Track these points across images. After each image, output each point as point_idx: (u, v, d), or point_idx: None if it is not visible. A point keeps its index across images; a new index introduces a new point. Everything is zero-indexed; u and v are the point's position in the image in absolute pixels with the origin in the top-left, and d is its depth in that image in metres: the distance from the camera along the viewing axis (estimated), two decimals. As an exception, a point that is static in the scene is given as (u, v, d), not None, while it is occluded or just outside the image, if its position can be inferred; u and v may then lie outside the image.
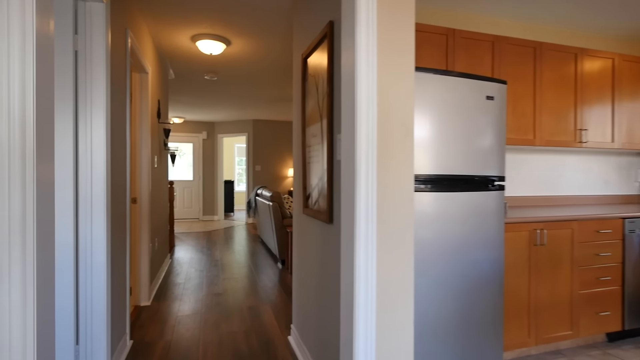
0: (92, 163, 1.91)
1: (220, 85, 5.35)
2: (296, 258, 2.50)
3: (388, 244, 1.25)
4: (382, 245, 1.24)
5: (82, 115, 1.90)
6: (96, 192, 1.91)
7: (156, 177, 3.76)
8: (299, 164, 2.42)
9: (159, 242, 3.93)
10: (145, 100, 3.25)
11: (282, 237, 4.61)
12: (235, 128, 8.89)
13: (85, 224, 1.91)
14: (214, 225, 8.18)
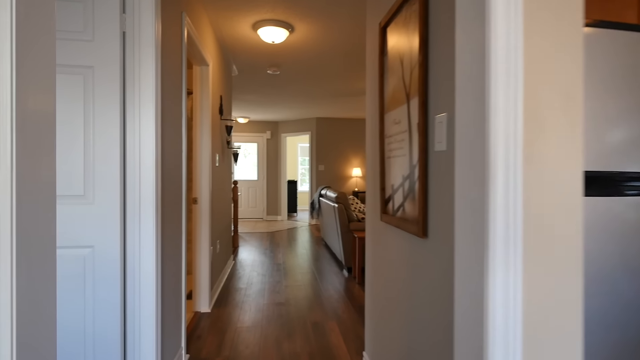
0: (141, 160, 1.68)
1: (283, 80, 5.12)
2: (370, 273, 2.07)
3: (541, 279, 0.77)
4: (532, 277, 0.77)
5: (130, 105, 1.67)
6: (145, 194, 1.68)
7: (218, 176, 3.59)
8: (374, 159, 1.99)
9: (221, 245, 3.77)
10: (206, 95, 3.07)
11: (348, 242, 4.21)
12: (298, 127, 8.71)
13: (133, 230, 1.68)
14: (277, 225, 8.07)
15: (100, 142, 1.59)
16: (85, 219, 1.58)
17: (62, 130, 1.56)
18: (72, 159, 1.57)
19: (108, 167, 1.60)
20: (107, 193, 1.60)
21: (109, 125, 1.60)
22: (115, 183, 1.61)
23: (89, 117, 1.58)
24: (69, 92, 1.56)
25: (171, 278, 2.02)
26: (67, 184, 1.57)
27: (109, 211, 1.60)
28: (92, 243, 1.59)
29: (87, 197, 1.59)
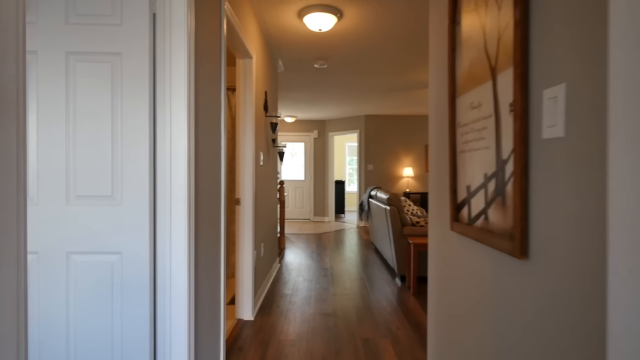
0: (172, 157, 1.50)
1: (331, 74, 4.86)
2: (435, 291, 1.73)
3: None
4: None
5: (160, 96, 1.50)
6: (176, 194, 1.50)
7: (262, 176, 3.42)
8: (440, 155, 1.65)
9: (266, 248, 3.59)
10: (250, 89, 2.89)
11: (402, 248, 3.84)
12: (346, 125, 8.43)
13: (163, 234, 1.51)
14: (324, 227, 7.84)
15: (129, 137, 1.43)
16: (113, 222, 1.43)
17: (89, 124, 1.42)
18: (100, 156, 1.42)
19: (136, 164, 1.43)
20: (136, 193, 1.43)
21: (137, 119, 1.43)
22: (144, 182, 1.44)
23: (117, 110, 1.43)
24: (96, 82, 1.42)
25: (207, 285, 1.84)
26: (95, 183, 1.42)
27: (138, 213, 1.43)
28: (120, 249, 1.43)
29: (115, 198, 1.43)
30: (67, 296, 1.43)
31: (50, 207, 1.41)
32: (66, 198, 1.42)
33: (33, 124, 1.41)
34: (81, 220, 1.42)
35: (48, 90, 1.40)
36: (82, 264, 1.43)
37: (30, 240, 1.42)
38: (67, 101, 1.41)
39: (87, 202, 1.43)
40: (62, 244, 1.42)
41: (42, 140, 1.41)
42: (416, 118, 8.11)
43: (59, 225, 1.42)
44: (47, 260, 1.42)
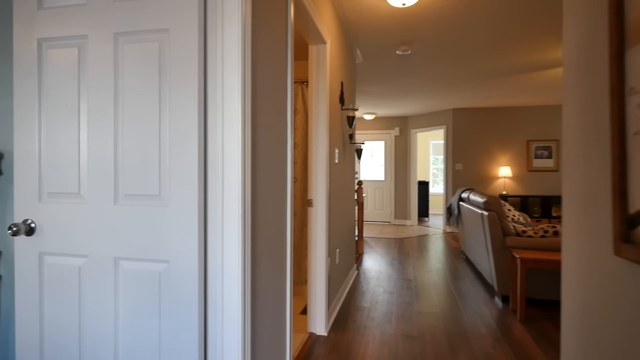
0: (224, 150, 1.25)
1: (415, 62, 4.35)
2: (581, 345, 1.21)
3: None
4: None
5: (212, 79, 1.26)
6: (229, 194, 1.25)
7: (338, 174, 3.11)
8: (590, 141, 1.14)
9: (342, 253, 3.28)
10: (323, 79, 2.60)
11: (503, 261, 3.19)
12: (430, 121, 7.72)
13: (214, 239, 1.27)
14: (406, 231, 7.27)
15: (177, 127, 1.22)
16: (161, 225, 1.23)
17: (136, 114, 1.25)
18: (147, 149, 1.24)
19: (185, 159, 1.21)
20: (184, 193, 1.21)
21: (186, 105, 1.21)
22: (193, 180, 1.21)
23: (165, 96, 1.23)
24: (144, 66, 1.23)
25: (270, 297, 1.57)
26: (142, 180, 1.24)
27: (186, 215, 1.21)
28: (167, 256, 1.23)
29: (162, 198, 1.24)
30: (116, 307, 1.28)
31: (99, 207, 1.27)
32: (114, 197, 1.26)
33: (84, 115, 1.28)
34: (128, 222, 1.25)
35: (98, 78, 1.26)
36: (130, 271, 1.26)
37: (81, 242, 1.29)
38: (116, 90, 1.25)
39: (135, 202, 1.25)
40: (111, 248, 1.27)
41: (92, 134, 1.27)
42: (516, 110, 7.06)
43: (107, 227, 1.27)
44: (97, 265, 1.28)
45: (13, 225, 1.27)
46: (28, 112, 1.33)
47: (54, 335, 1.33)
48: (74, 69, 1.29)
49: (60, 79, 1.30)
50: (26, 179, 1.33)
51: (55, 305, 1.32)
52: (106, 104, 1.26)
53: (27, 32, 1.31)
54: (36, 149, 1.32)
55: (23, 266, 1.35)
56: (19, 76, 1.33)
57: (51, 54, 1.30)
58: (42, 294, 1.34)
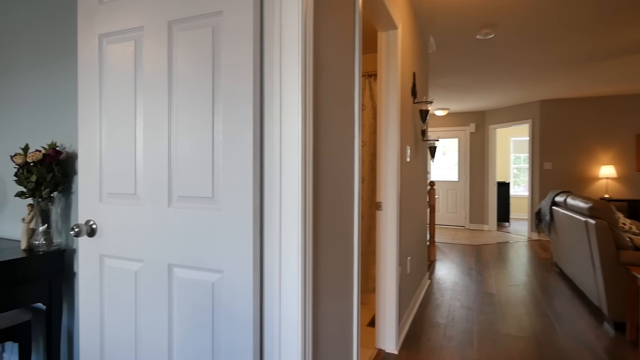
0: (282, 148, 1.09)
1: (498, 46, 3.85)
2: None
3: None
4: None
5: (269, 67, 1.10)
6: (288, 197, 1.08)
7: (409, 175, 2.82)
8: None
9: (413, 262, 2.98)
10: (394, 69, 2.35)
11: (616, 280, 2.62)
12: (512, 115, 6.94)
13: (271, 248, 1.11)
14: (483, 237, 6.61)
15: (230, 122, 1.08)
16: (214, 231, 1.11)
17: (188, 108, 1.14)
18: (199, 146, 1.12)
19: (238, 157, 1.07)
20: (238, 195, 1.07)
21: (239, 97, 1.07)
22: (247, 181, 1.06)
23: (218, 87, 1.10)
24: (195, 54, 1.12)
25: (335, 309, 1.38)
26: (195, 181, 1.13)
27: (241, 221, 1.07)
28: (221, 266, 1.10)
29: (216, 201, 1.11)
30: (170, 317, 1.19)
31: (154, 208, 1.19)
32: (168, 199, 1.17)
33: (140, 112, 1.21)
34: (181, 225, 1.15)
35: (152, 72, 1.18)
36: (183, 280, 1.16)
37: (137, 246, 1.23)
38: (170, 83, 1.16)
39: (188, 205, 1.15)
40: (164, 254, 1.18)
41: (147, 130, 1.20)
42: (623, 99, 6.00)
43: (161, 231, 1.18)
44: (152, 271, 1.21)
45: (75, 226, 1.25)
46: (90, 112, 1.30)
47: (112, 341, 1.29)
48: (130, 65, 1.22)
49: (117, 76, 1.25)
50: (89, 179, 1.31)
51: (114, 308, 1.28)
52: (160, 98, 1.17)
53: (89, 29, 1.29)
54: (97, 148, 1.29)
55: (86, 267, 1.33)
56: (82, 75, 1.31)
57: (110, 50, 1.26)
58: (102, 296, 1.31)
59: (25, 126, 1.87)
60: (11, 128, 1.92)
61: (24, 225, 1.68)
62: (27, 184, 1.61)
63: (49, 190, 1.64)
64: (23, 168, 1.63)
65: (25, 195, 1.62)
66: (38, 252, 1.62)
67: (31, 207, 1.68)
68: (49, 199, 1.67)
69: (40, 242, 1.66)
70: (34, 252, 1.62)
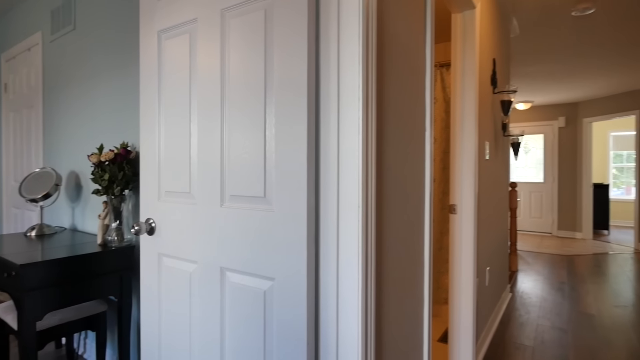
0: (340, 143, 0.95)
1: (598, 23, 3.29)
2: None
3: None
4: None
5: (325, 51, 0.97)
6: (347, 198, 0.94)
7: (488, 174, 2.50)
8: None
9: (492, 273, 2.64)
10: (471, 55, 2.08)
11: None
12: (612, 106, 5.97)
13: (327, 254, 0.97)
14: (576, 246, 5.78)
15: (282, 113, 0.97)
16: (266, 234, 1.01)
17: (240, 98, 1.06)
18: (250, 141, 1.04)
19: (291, 153, 0.96)
20: (290, 194, 0.96)
21: (292, 86, 0.96)
22: (301, 179, 0.94)
23: (271, 75, 1.00)
24: (246, 40, 1.04)
25: (400, 326, 1.20)
26: (246, 179, 1.05)
27: (294, 223, 0.96)
28: (273, 272, 1.00)
29: (268, 200, 1.01)
30: (222, 323, 1.12)
31: (207, 208, 1.14)
32: (220, 198, 1.10)
33: (195, 106, 1.17)
34: (233, 227, 1.07)
35: (206, 66, 1.13)
36: (235, 285, 1.08)
37: (191, 246, 1.18)
38: (222, 75, 1.09)
39: (239, 204, 1.07)
40: (217, 256, 1.12)
41: (202, 123, 1.15)
42: None
43: (214, 232, 1.12)
44: (205, 273, 1.15)
45: (136, 224, 1.25)
46: (149, 109, 1.30)
47: (170, 339, 1.27)
48: (184, 60, 1.19)
49: (173, 72, 1.22)
50: (149, 177, 1.31)
51: (171, 307, 1.25)
52: (213, 90, 1.11)
53: (150, 26, 1.28)
54: (156, 145, 1.28)
55: (146, 265, 1.33)
56: (144, 73, 1.31)
57: (167, 46, 1.24)
58: (160, 294, 1.29)
59: (103, 128, 1.99)
60: (94, 130, 2.06)
61: (99, 221, 1.77)
62: (101, 182, 1.69)
63: (120, 188, 1.71)
64: (98, 167, 1.71)
65: (100, 192, 1.70)
66: (111, 247, 1.69)
67: (105, 204, 1.77)
68: (121, 197, 1.74)
69: (112, 237, 1.74)
70: (107, 247, 1.70)
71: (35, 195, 2.00)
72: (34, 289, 1.42)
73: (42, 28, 2.47)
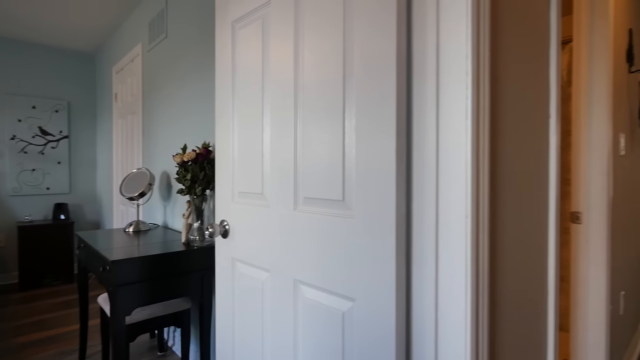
0: (439, 135, 0.74)
1: None
2: None
3: None
4: None
5: (419, 26, 0.77)
6: (449, 205, 0.72)
7: (623, 174, 1.99)
8: None
9: (629, 299, 2.09)
10: (601, 27, 1.65)
11: None
12: None
13: (421, 272, 0.77)
14: None
15: (364, 100, 0.80)
16: (345, 244, 0.85)
17: (314, 85, 0.91)
18: (326, 133, 0.88)
19: (376, 148, 0.78)
20: (375, 198, 0.78)
21: (376, 61, 0.77)
22: (389, 180, 0.76)
23: (350, 52, 0.83)
24: (321, 13, 0.88)
25: None
26: (322, 179, 0.89)
27: (378, 232, 0.78)
28: (353, 292, 0.83)
29: (347, 205, 0.85)
30: (295, 341, 0.99)
31: (279, 212, 1.02)
32: (294, 200, 0.97)
33: (267, 97, 1.06)
34: (307, 233, 0.93)
35: (278, 50, 1.01)
36: (310, 302, 0.94)
37: (264, 253, 1.08)
38: (296, 57, 0.96)
39: (314, 209, 0.92)
40: (290, 266, 0.99)
41: (274, 117, 1.03)
42: None
43: (287, 239, 1.00)
44: (278, 284, 1.03)
45: (210, 226, 1.19)
46: (224, 103, 1.23)
47: (242, 346, 1.19)
48: (257, 46, 1.08)
49: (246, 63, 1.13)
50: (224, 176, 1.24)
51: (244, 314, 1.17)
52: (285, 78, 0.98)
53: (224, 17, 1.22)
54: (229, 142, 1.21)
55: (221, 269, 1.27)
56: (218, 66, 1.25)
57: (240, 35, 1.15)
58: (234, 299, 1.22)
59: (188, 129, 2.05)
60: (180, 131, 2.14)
61: (183, 220, 1.81)
62: (184, 182, 1.71)
63: (202, 188, 1.71)
64: (181, 167, 1.74)
65: (183, 192, 1.73)
66: (193, 246, 1.70)
67: (189, 203, 1.80)
68: (202, 197, 1.75)
69: (194, 237, 1.75)
70: (190, 246, 1.72)
71: (132, 194, 2.14)
72: (124, 284, 1.47)
73: (141, 40, 2.68)
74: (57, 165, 3.64)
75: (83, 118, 3.80)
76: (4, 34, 3.26)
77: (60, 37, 3.35)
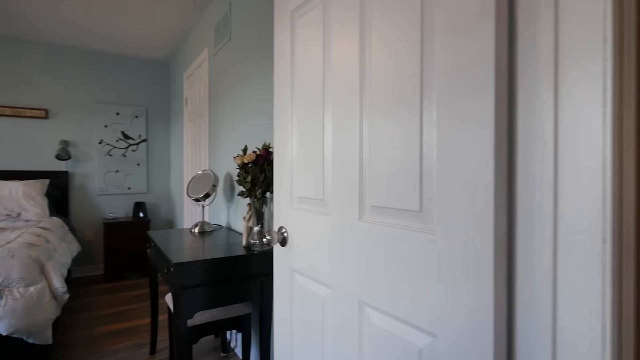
0: (559, 116, 0.54)
1: None
2: None
3: None
4: None
5: None
6: (572, 222, 0.53)
7: None
8: None
9: None
10: None
11: None
12: None
13: (532, 305, 0.58)
14: None
15: (449, 81, 0.63)
16: (422, 265, 0.69)
17: (383, 77, 0.76)
18: (398, 130, 0.73)
19: (465, 147, 0.61)
20: (464, 210, 0.61)
21: (465, 34, 0.61)
22: (484, 187, 0.59)
23: (430, 23, 0.67)
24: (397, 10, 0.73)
25: None
26: (393, 185, 0.75)
27: (469, 255, 0.61)
28: (433, 325, 0.67)
29: (425, 217, 0.69)
30: (361, 373, 0.85)
31: (342, 221, 0.89)
32: (359, 208, 0.83)
33: (329, 91, 0.94)
34: (375, 249, 0.79)
35: (340, 36, 0.88)
36: (378, 329, 0.80)
37: (324, 267, 0.96)
38: (362, 40, 0.82)
39: (383, 219, 0.78)
40: (355, 284, 0.86)
41: (336, 112, 0.91)
42: None
43: (350, 252, 0.86)
44: (340, 303, 0.91)
45: (267, 233, 1.10)
46: (282, 98, 1.14)
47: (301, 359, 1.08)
48: (317, 35, 0.97)
49: (305, 52, 1.02)
50: (282, 180, 1.15)
51: (302, 329, 1.06)
52: (350, 68, 0.85)
53: (283, 7, 1.12)
54: (288, 141, 1.11)
55: (280, 279, 1.18)
56: (277, 59, 1.16)
57: (299, 25, 1.05)
58: (292, 311, 1.12)
59: (250, 130, 2.02)
60: (243, 132, 2.12)
61: (244, 223, 1.77)
62: (244, 184, 1.66)
63: (262, 190, 1.65)
64: (242, 169, 1.70)
65: (244, 194, 1.69)
66: (253, 251, 1.65)
67: (249, 206, 1.75)
68: (262, 199, 1.69)
69: (255, 241, 1.70)
70: (250, 250, 1.67)
71: (197, 195, 2.18)
72: (186, 287, 1.46)
73: (208, 44, 2.74)
74: (137, 167, 3.93)
75: (158, 122, 4.06)
76: (97, 49, 3.59)
77: (140, 48, 3.60)
